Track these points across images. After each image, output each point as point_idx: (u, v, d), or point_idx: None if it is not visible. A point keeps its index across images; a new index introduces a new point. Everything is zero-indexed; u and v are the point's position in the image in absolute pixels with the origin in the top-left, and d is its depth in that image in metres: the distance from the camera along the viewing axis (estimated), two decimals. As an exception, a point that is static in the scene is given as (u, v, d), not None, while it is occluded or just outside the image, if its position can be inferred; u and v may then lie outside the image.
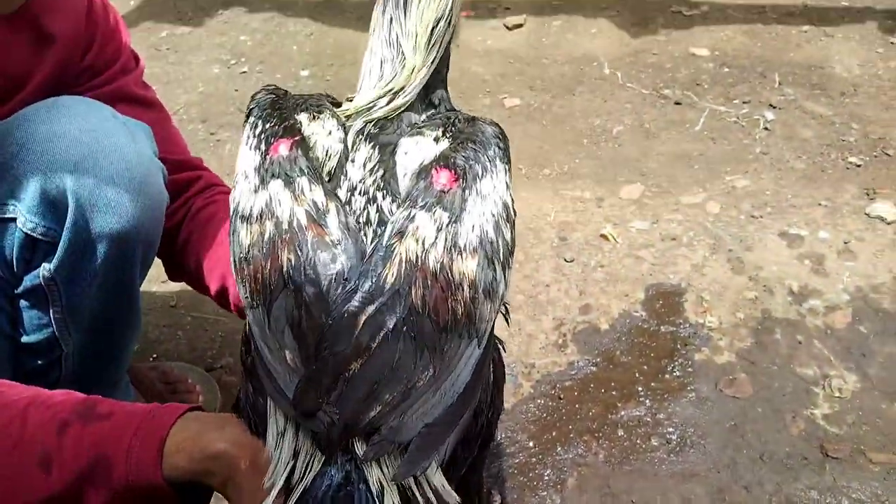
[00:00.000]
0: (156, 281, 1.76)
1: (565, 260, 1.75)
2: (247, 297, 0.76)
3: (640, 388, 1.46)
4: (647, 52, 2.48)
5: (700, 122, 2.17)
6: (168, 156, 1.14)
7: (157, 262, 1.22)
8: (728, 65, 2.41)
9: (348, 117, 0.84)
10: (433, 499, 0.74)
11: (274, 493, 0.71)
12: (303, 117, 0.81)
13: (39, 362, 1.06)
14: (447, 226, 0.73)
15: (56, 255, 0.96)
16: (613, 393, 1.45)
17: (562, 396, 1.46)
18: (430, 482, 0.74)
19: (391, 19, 0.83)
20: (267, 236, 0.73)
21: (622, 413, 1.42)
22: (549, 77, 2.40)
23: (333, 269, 0.71)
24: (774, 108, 2.22)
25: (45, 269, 0.97)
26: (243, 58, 2.61)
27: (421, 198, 0.74)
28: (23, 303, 1.01)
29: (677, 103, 2.25)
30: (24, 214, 0.93)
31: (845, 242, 1.77)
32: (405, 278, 0.70)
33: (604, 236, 1.80)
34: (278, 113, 0.81)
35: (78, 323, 1.05)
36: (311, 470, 0.72)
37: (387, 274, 0.70)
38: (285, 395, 0.72)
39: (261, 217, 0.74)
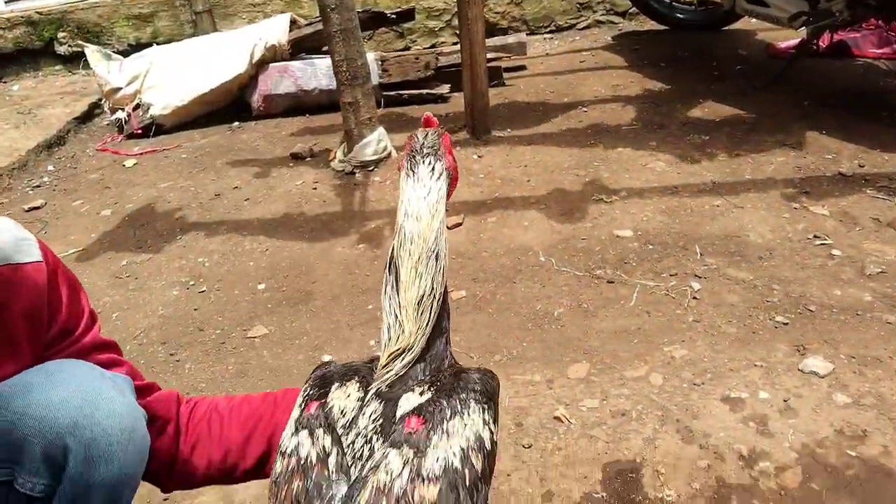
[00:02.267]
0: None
1: (523, 446, 1.79)
2: None
3: (609, 575, 1.45)
4: (577, 237, 2.69)
5: (633, 298, 2.33)
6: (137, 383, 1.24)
7: None
8: (651, 242, 2.62)
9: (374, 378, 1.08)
10: None
11: None
12: (334, 386, 1.07)
13: None
14: (412, 460, 0.93)
15: None
16: (584, 583, 1.44)
17: None
18: None
19: (389, 297, 1.08)
20: (290, 467, 0.99)
21: None
22: (490, 269, 2.57)
23: (327, 496, 0.93)
24: (700, 277, 2.40)
25: None
26: (202, 278, 2.75)
27: (394, 440, 0.96)
28: None
29: (610, 282, 2.42)
30: (24, 476, 0.99)
31: (785, 401, 1.85)
32: (374, 502, 0.90)
33: (558, 418, 1.86)
34: (320, 382, 1.09)
35: None
36: None
37: (361, 500, 0.91)
38: None
39: (290, 453, 1.00)
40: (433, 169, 1.12)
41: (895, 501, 1.53)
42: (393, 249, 1.09)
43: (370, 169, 3.38)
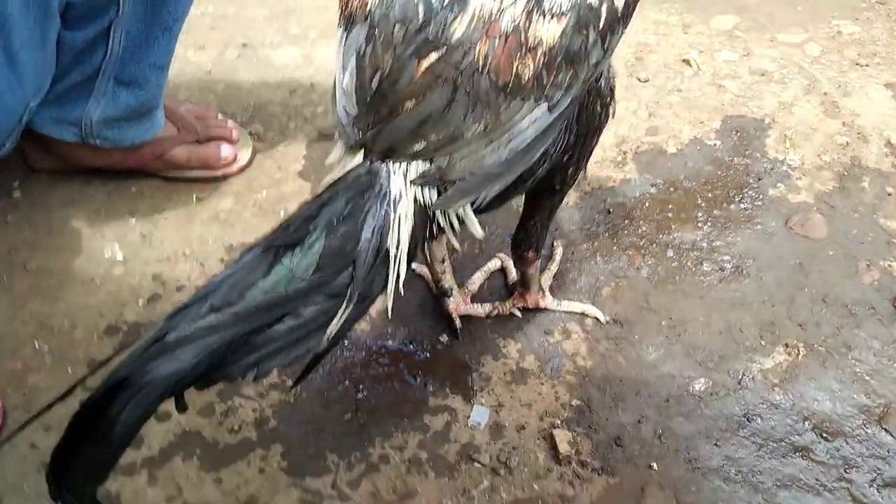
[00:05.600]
0: (192, 47, 1.65)
1: (639, 79, 1.57)
2: (339, 15, 0.81)
3: (699, 214, 1.31)
4: None
5: (815, -39, 1.91)
6: None
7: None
8: None
9: None
10: (455, 224, 0.79)
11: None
12: None
13: (87, 32, 0.99)
14: None
15: None
16: (669, 215, 1.32)
17: (611, 210, 1.33)
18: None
19: None
20: None
21: (675, 235, 1.29)
22: None
23: (412, 15, 0.73)
24: (903, -41, 1.94)
25: None
26: None
27: None
28: None
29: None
30: None
31: (960, 104, 1.55)
32: (473, 33, 0.71)
33: (686, 61, 1.61)
34: None
35: None
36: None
37: (456, 26, 0.72)
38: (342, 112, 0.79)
39: None
40: None
41: None
42: None
43: None
